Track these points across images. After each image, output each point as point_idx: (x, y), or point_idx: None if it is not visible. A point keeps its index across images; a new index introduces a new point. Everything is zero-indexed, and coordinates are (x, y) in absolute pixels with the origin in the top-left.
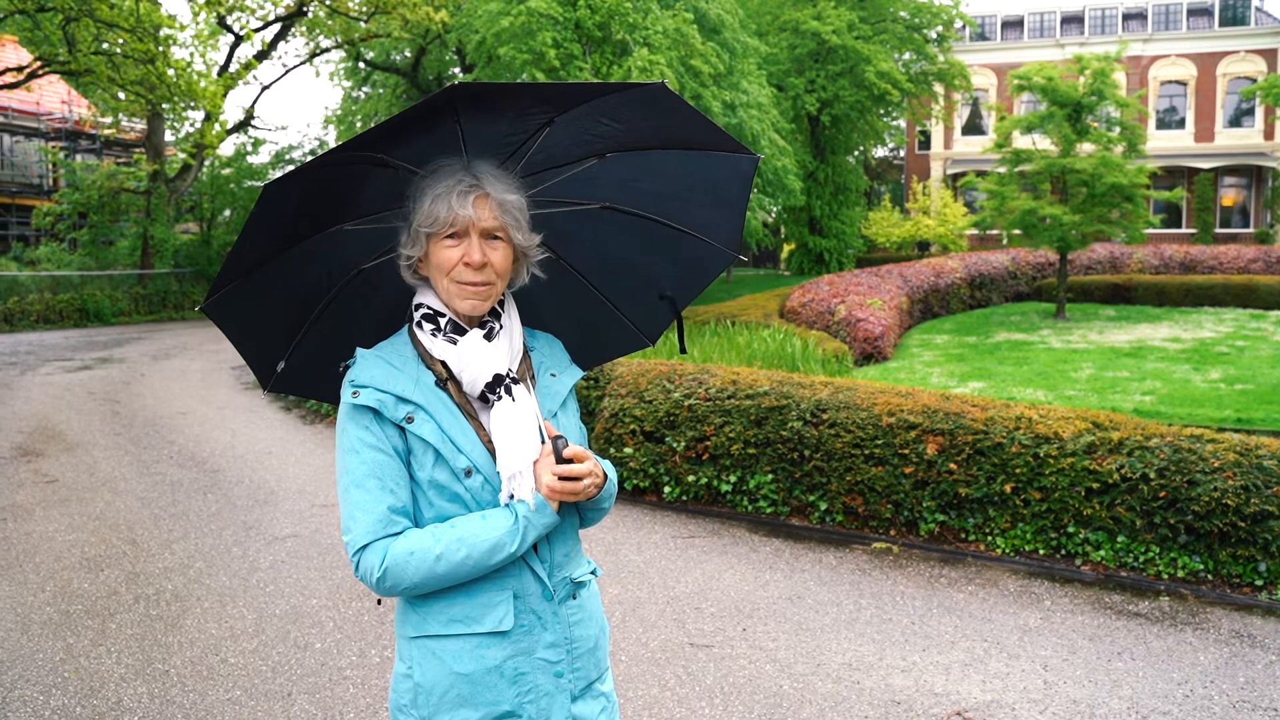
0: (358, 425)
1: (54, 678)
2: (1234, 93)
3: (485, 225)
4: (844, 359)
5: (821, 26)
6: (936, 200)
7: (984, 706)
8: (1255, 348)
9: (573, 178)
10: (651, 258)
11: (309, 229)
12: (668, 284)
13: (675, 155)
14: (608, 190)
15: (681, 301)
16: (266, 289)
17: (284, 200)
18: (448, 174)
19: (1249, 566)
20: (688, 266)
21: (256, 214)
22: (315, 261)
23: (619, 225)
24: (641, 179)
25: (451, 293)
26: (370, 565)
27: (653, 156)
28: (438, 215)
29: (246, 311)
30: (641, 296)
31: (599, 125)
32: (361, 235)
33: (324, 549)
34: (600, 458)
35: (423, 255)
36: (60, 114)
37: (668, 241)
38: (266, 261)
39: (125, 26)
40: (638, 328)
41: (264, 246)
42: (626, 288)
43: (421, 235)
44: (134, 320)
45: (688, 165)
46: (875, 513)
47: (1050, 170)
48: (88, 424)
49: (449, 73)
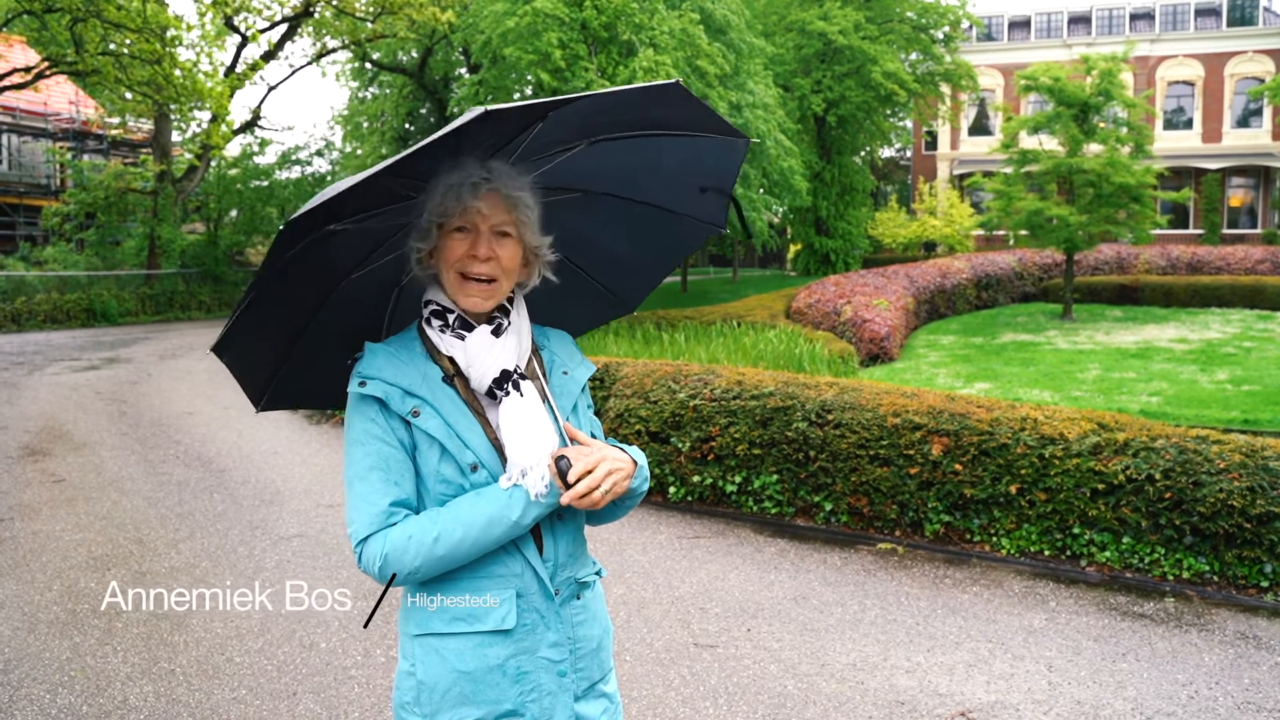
0: (363, 416)
1: (60, 676)
2: (1242, 93)
3: (495, 220)
4: (850, 360)
5: (828, 27)
6: (943, 201)
7: (988, 707)
8: (1262, 349)
9: (539, 135)
10: (667, 162)
11: (309, 308)
12: (699, 179)
13: (625, 92)
14: (584, 132)
15: (725, 186)
16: (316, 363)
17: (249, 333)
18: (461, 168)
19: (1255, 568)
20: (707, 161)
21: (229, 364)
22: (349, 309)
23: (618, 149)
24: (612, 114)
25: (456, 287)
26: (372, 555)
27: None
28: (448, 206)
29: (313, 387)
30: (682, 193)
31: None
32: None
33: (330, 549)
34: (626, 445)
35: (432, 248)
36: (67, 114)
37: (672, 146)
38: (289, 353)
39: (132, 27)
40: (698, 218)
41: (271, 358)
42: (663, 189)
43: (433, 227)
44: (141, 320)
45: (641, 96)
46: (880, 513)
47: (1057, 171)
48: (95, 424)
49: (455, 73)
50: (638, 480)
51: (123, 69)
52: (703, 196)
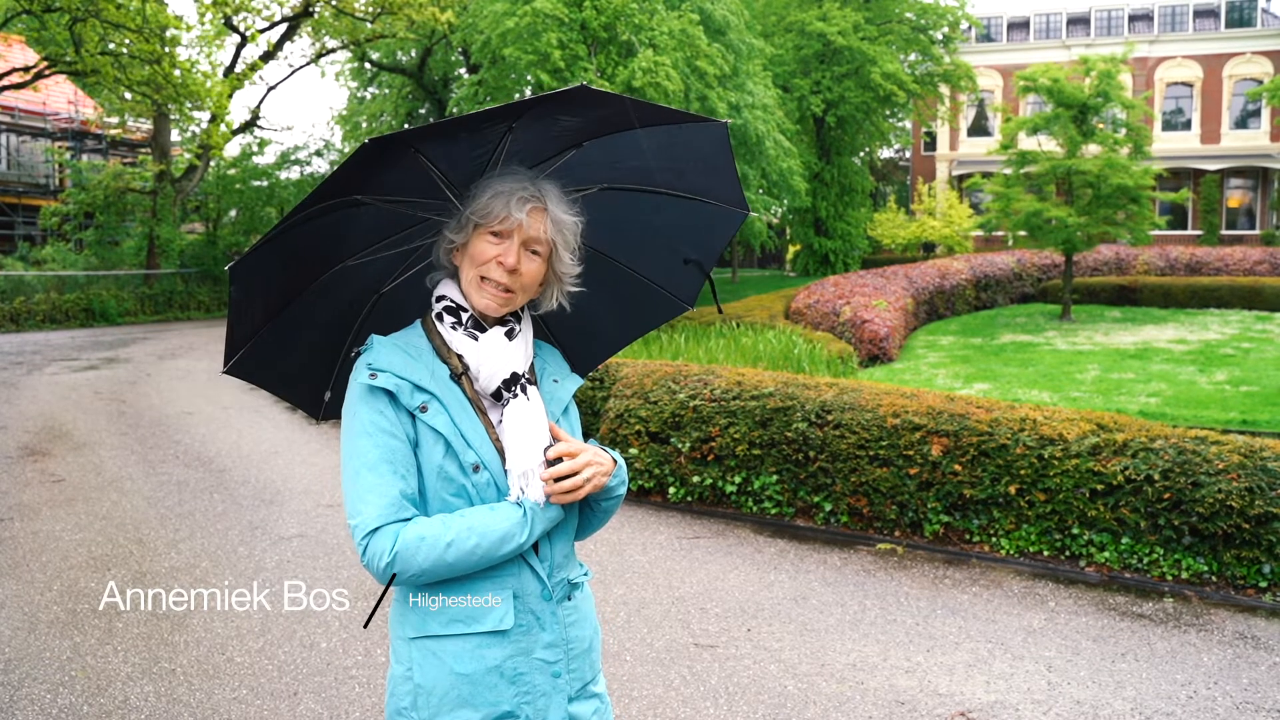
0: (372, 408)
1: (61, 676)
2: (1240, 94)
3: (530, 234)
4: (849, 360)
5: (827, 27)
6: (942, 201)
7: (988, 707)
8: (1261, 349)
9: (560, 168)
10: (664, 226)
11: (308, 277)
12: (688, 249)
13: (644, 133)
14: (598, 173)
15: (706, 263)
16: (288, 340)
17: (258, 272)
18: (516, 178)
19: (1253, 568)
20: (700, 230)
21: (235, 296)
22: (329, 299)
23: (622, 202)
24: (624, 159)
25: (474, 285)
26: (379, 549)
27: (624, 137)
28: (493, 209)
29: (274, 366)
30: (667, 264)
31: (559, 123)
32: (372, 264)
33: (330, 549)
34: (607, 447)
35: (464, 242)
36: (66, 114)
37: (673, 209)
38: (274, 318)
39: (132, 27)
40: (673, 294)
41: (262, 313)
42: (651, 258)
43: (470, 223)
44: (140, 320)
45: (661, 139)
46: (880, 514)
47: (1056, 172)
48: (94, 424)
49: (455, 73)
50: (615, 480)
51: (122, 69)
52: (684, 269)
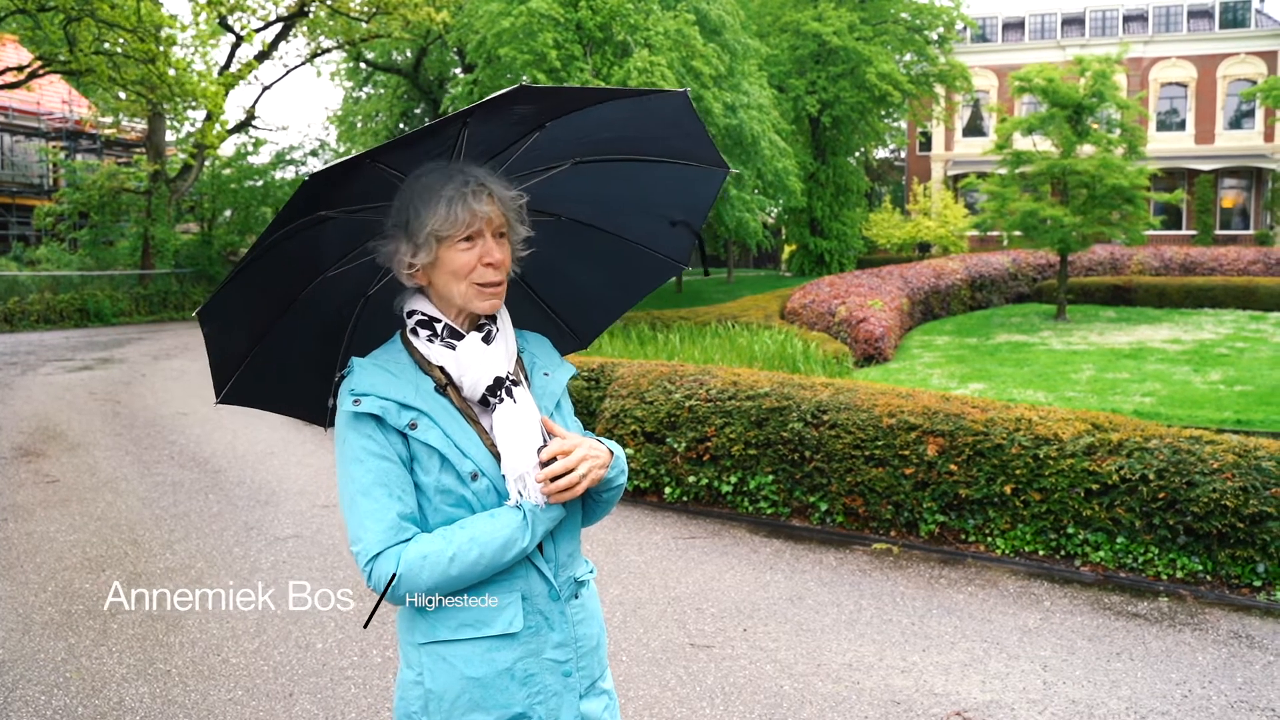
0: (360, 434)
1: (56, 678)
2: (1234, 94)
3: (496, 224)
4: (845, 360)
5: (822, 28)
6: (937, 201)
7: (983, 707)
8: (1255, 349)
9: (527, 150)
10: (644, 191)
11: (289, 296)
12: (674, 211)
13: (609, 106)
14: (567, 149)
15: (694, 222)
16: (281, 359)
17: (230, 306)
18: (445, 176)
19: (1247, 567)
20: (683, 192)
21: (208, 333)
22: (316, 311)
23: (598, 173)
24: (591, 132)
25: (470, 295)
26: (384, 573)
27: (591, 113)
28: (457, 217)
29: (270, 386)
30: (654, 227)
31: (515, 111)
32: (353, 270)
33: (325, 549)
34: (603, 438)
35: (430, 261)
36: (61, 114)
37: (651, 174)
38: (260, 341)
39: (126, 26)
40: (665, 254)
41: (246, 339)
42: (637, 222)
43: (433, 240)
44: (135, 320)
45: (626, 111)
46: (875, 514)
47: (1051, 172)
48: (89, 424)
49: (450, 73)
50: (614, 470)
51: (116, 68)
52: (672, 230)
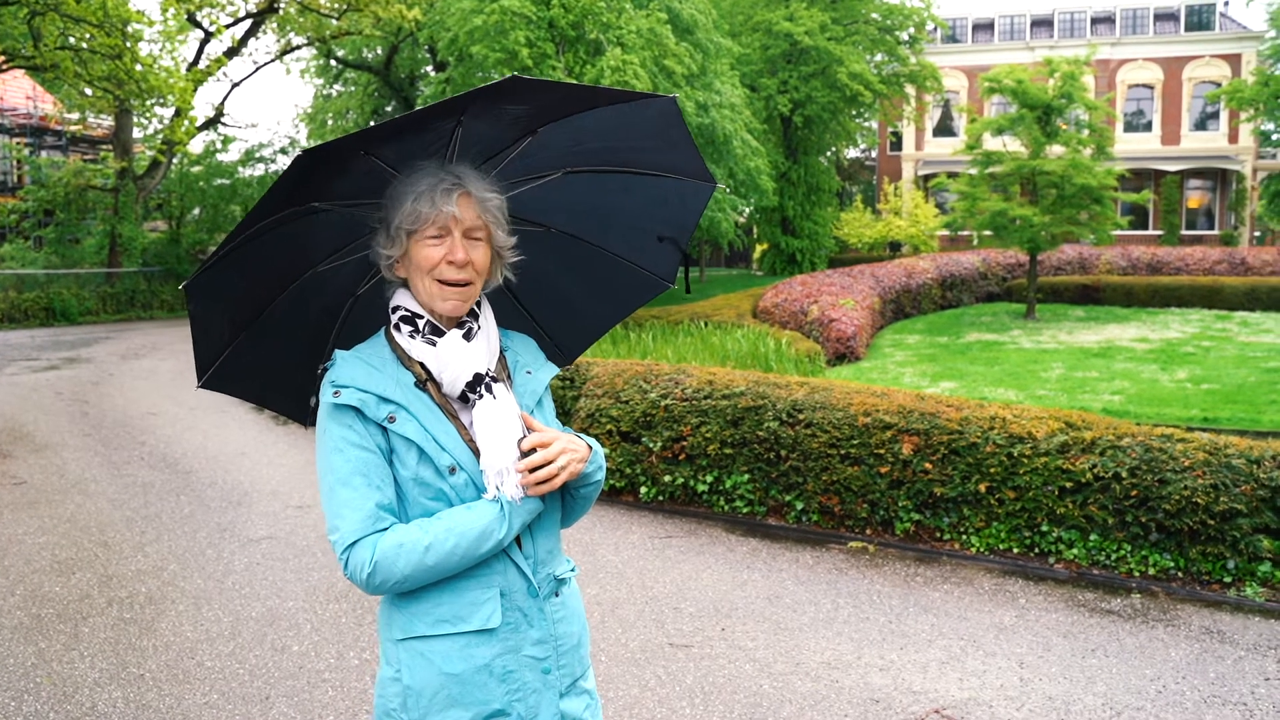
0: (340, 424)
1: (26, 683)
2: (1199, 96)
3: (468, 223)
4: (817, 359)
5: (794, 28)
6: (908, 201)
7: (962, 704)
8: (1220, 348)
9: (518, 157)
10: (632, 205)
11: (277, 286)
12: (661, 227)
13: (596, 113)
14: (557, 158)
15: (681, 239)
16: (266, 350)
17: (217, 286)
18: (427, 174)
19: (1218, 564)
20: (671, 206)
21: (193, 311)
22: (303, 304)
23: (588, 184)
24: (581, 141)
25: (433, 293)
26: (360, 561)
27: (576, 121)
28: (420, 212)
29: (254, 376)
30: (641, 243)
31: (507, 112)
32: (344, 267)
33: (300, 550)
34: (582, 434)
35: (402, 254)
36: (24, 109)
37: (639, 187)
38: (245, 329)
39: (92, 21)
40: (651, 271)
41: (230, 326)
42: (624, 238)
43: (402, 234)
44: (101, 319)
45: (615, 119)
46: (851, 512)
47: (1020, 172)
48: (56, 425)
49: (421, 71)
50: (592, 466)
51: (82, 64)
52: (659, 246)
